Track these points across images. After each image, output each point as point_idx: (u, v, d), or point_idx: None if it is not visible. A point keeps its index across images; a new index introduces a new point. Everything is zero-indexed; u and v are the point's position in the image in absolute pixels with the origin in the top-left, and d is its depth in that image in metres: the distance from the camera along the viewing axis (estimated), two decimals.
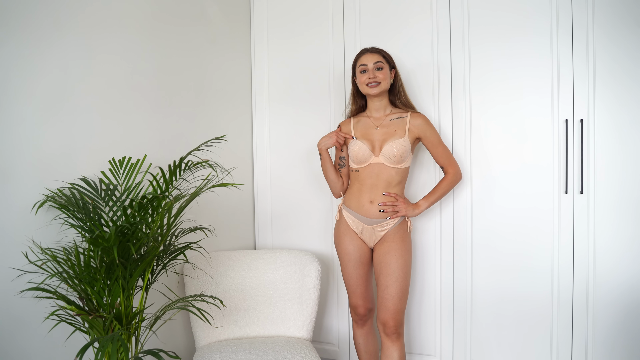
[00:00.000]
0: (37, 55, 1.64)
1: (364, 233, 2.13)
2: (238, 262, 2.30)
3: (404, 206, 2.10)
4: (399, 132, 2.10)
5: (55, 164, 1.71)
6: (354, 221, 2.14)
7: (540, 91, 2.16)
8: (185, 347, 2.34)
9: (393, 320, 2.03)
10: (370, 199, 2.10)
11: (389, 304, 2.03)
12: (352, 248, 2.15)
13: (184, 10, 2.29)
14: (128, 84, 2.00)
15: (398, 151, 2.06)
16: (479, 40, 2.24)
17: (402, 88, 2.17)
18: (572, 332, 2.14)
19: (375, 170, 2.09)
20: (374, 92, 2.08)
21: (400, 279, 2.04)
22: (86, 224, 1.58)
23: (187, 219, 2.20)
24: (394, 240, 2.08)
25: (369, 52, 2.11)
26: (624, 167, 2.04)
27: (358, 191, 2.13)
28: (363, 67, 2.09)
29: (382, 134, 2.11)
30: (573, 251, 2.13)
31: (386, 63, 2.09)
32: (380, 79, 2.07)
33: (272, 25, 2.70)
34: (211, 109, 2.48)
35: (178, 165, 1.74)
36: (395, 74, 2.15)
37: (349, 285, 2.20)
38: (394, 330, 2.04)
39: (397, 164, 2.08)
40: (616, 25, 2.02)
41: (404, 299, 2.06)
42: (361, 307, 2.19)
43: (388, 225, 2.10)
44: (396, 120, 2.12)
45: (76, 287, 1.53)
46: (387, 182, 2.09)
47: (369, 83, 2.08)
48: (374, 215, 2.10)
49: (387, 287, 2.04)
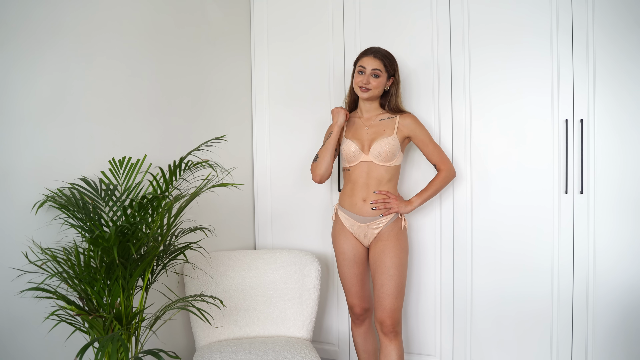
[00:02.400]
0: (37, 56, 1.64)
1: (359, 232, 2.15)
2: (238, 262, 2.30)
3: (396, 203, 2.10)
4: (387, 131, 2.11)
5: (55, 164, 1.71)
6: (348, 220, 2.16)
7: (540, 91, 2.16)
8: (185, 347, 2.34)
9: (390, 319, 2.05)
10: (362, 197, 2.12)
11: (384, 302, 2.05)
12: (346, 247, 2.17)
13: (184, 11, 2.29)
14: (128, 84, 2.00)
15: (386, 149, 2.08)
16: (479, 40, 2.24)
17: (396, 96, 2.16)
18: (572, 332, 2.14)
19: (365, 168, 2.12)
20: (363, 97, 2.12)
21: (394, 277, 2.05)
22: (86, 224, 1.58)
23: (187, 219, 2.20)
24: (389, 239, 2.09)
25: (372, 55, 2.10)
26: (624, 167, 2.04)
27: (351, 190, 2.15)
28: (361, 68, 2.10)
29: (372, 133, 2.13)
30: (573, 251, 2.13)
31: (385, 72, 2.09)
32: (372, 86, 2.08)
33: (272, 26, 2.70)
34: (211, 109, 2.48)
35: (178, 165, 1.74)
36: (393, 81, 2.14)
37: (345, 285, 2.22)
38: (391, 329, 2.05)
39: (386, 162, 2.09)
40: (616, 25, 2.02)
41: (399, 297, 2.07)
42: (357, 306, 2.21)
43: (382, 223, 2.11)
44: (386, 120, 2.14)
45: (76, 287, 1.53)
46: (378, 180, 2.11)
47: (361, 86, 2.09)
48: (367, 214, 2.11)
49: (382, 286, 2.06)
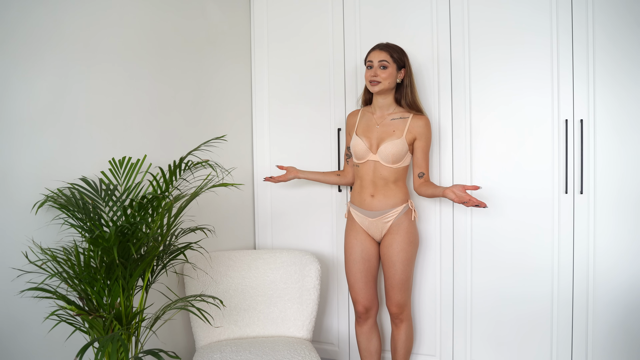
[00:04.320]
0: (37, 56, 1.64)
1: (371, 227, 2.17)
2: (238, 262, 2.30)
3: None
4: (397, 133, 2.11)
5: (55, 164, 1.71)
6: (360, 217, 2.19)
7: (540, 91, 2.16)
8: (185, 347, 2.34)
9: (396, 308, 2.19)
10: (371, 193, 2.15)
11: (390, 293, 2.18)
12: (355, 242, 2.20)
13: (183, 11, 2.29)
14: (128, 84, 2.00)
15: (393, 152, 2.08)
16: (479, 41, 2.24)
17: (411, 88, 2.15)
18: (572, 332, 2.14)
19: (372, 167, 2.14)
20: (373, 90, 2.11)
21: (400, 271, 2.13)
22: (86, 224, 1.58)
23: (187, 219, 2.20)
24: (398, 232, 2.13)
25: (378, 48, 2.12)
26: (624, 167, 2.04)
27: (360, 187, 2.19)
28: (369, 63, 2.12)
29: (381, 132, 2.14)
30: (573, 251, 2.13)
31: (393, 62, 2.08)
32: (382, 78, 2.07)
33: (272, 26, 2.70)
34: (211, 109, 2.47)
35: (178, 165, 1.74)
36: (405, 73, 2.13)
37: (349, 280, 2.24)
38: (397, 316, 2.21)
39: (392, 163, 2.10)
40: (616, 25, 2.02)
41: (404, 290, 2.17)
42: (360, 303, 2.22)
43: (392, 216, 2.13)
44: (397, 120, 2.14)
45: (76, 287, 1.53)
46: (384, 179, 2.13)
47: (370, 81, 2.10)
48: (376, 208, 2.14)
49: (388, 279, 2.17)
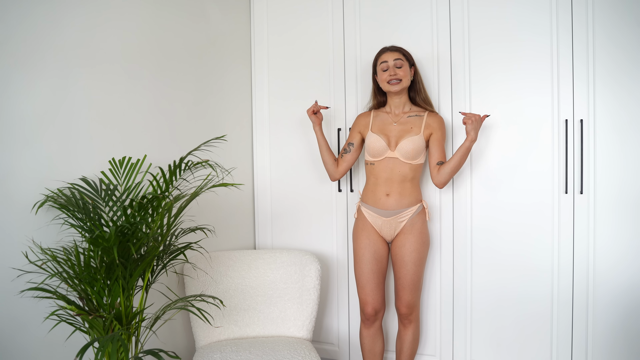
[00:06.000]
0: (37, 55, 1.64)
1: (384, 227, 2.17)
2: (238, 262, 2.30)
3: (477, 125, 2.00)
4: (414, 130, 2.14)
5: (55, 164, 1.71)
6: (372, 216, 2.18)
7: (540, 91, 2.16)
8: (185, 347, 2.34)
9: (405, 308, 2.19)
10: (386, 192, 2.15)
11: (400, 294, 2.19)
12: (367, 242, 2.20)
13: (183, 11, 2.29)
14: (128, 84, 2.00)
15: (413, 147, 2.10)
16: (479, 41, 2.24)
17: (422, 85, 2.22)
18: (572, 332, 2.14)
19: (390, 164, 2.14)
20: (395, 90, 2.13)
21: (412, 271, 2.15)
22: (86, 224, 1.58)
23: (187, 219, 2.20)
24: (412, 232, 2.14)
25: (389, 50, 2.17)
26: (624, 167, 2.04)
27: (374, 185, 2.18)
28: (384, 64, 2.14)
29: (399, 130, 2.16)
30: (573, 251, 2.13)
31: (406, 61, 2.15)
32: (401, 75, 2.12)
33: (272, 26, 2.70)
34: (211, 109, 2.47)
35: (178, 165, 1.74)
36: (415, 71, 2.19)
37: (360, 281, 2.22)
38: (406, 317, 2.21)
39: (412, 160, 2.12)
40: (617, 25, 2.02)
41: (415, 290, 2.18)
42: (369, 305, 2.19)
43: (407, 215, 2.14)
44: (413, 117, 2.17)
45: (76, 287, 1.53)
46: (402, 176, 2.13)
47: (390, 80, 2.12)
48: (391, 207, 2.14)
49: (399, 279, 2.18)
